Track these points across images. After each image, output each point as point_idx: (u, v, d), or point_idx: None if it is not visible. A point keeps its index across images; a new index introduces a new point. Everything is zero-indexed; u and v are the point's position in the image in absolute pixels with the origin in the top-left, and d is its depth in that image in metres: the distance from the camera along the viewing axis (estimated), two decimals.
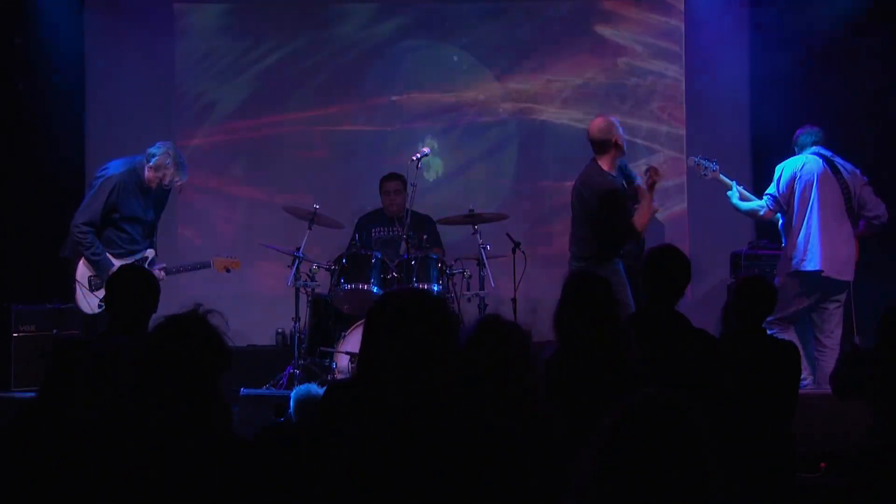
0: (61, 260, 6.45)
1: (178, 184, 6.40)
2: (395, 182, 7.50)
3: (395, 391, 2.42)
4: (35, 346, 6.79)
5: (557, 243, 8.02)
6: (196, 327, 2.60)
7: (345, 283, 6.71)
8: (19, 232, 6.54)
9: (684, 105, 8.41)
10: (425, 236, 7.21)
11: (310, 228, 7.04)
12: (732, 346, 4.33)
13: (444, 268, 6.79)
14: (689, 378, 3.94)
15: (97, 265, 6.26)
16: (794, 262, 6.42)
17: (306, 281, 6.90)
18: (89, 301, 6.33)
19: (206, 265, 6.83)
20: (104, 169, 6.44)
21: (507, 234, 6.99)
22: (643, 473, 1.77)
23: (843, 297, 6.48)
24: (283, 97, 8.46)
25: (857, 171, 6.51)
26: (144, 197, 6.40)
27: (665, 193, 7.93)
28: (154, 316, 3.97)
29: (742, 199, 6.65)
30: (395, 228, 7.37)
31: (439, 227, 7.58)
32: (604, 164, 6.09)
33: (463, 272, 6.92)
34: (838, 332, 6.47)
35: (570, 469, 1.94)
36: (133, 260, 6.35)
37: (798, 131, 6.65)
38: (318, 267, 6.90)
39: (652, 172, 6.10)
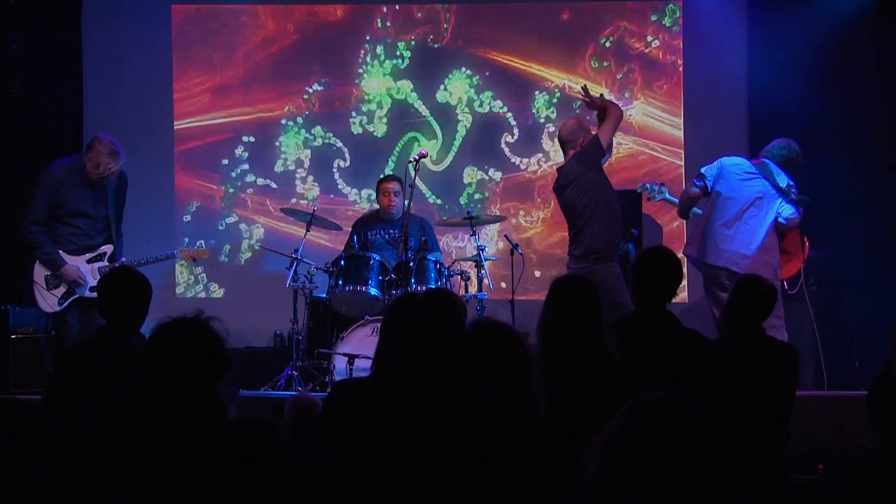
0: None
1: (112, 169, 6.36)
2: (392, 183, 7.49)
3: (403, 391, 2.43)
4: (33, 348, 6.80)
5: (558, 244, 8.03)
6: (198, 331, 2.63)
7: (343, 284, 6.71)
8: (18, 233, 6.54)
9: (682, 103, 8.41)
10: (423, 238, 7.21)
11: (308, 230, 7.04)
12: (732, 347, 4.33)
13: (442, 270, 6.79)
14: (687, 378, 3.95)
15: (49, 264, 6.33)
16: (686, 245, 6.64)
17: (304, 283, 6.90)
18: (48, 300, 6.38)
19: (170, 256, 6.83)
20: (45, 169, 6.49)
21: (506, 237, 7.00)
22: (651, 474, 1.78)
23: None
24: (283, 100, 8.47)
25: (792, 184, 6.49)
26: (92, 191, 6.40)
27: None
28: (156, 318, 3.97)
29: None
30: (392, 230, 7.37)
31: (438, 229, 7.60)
32: None
33: (461, 274, 6.93)
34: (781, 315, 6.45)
35: (569, 469, 1.95)
36: (90, 256, 6.40)
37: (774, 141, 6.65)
38: (317, 269, 6.91)
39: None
